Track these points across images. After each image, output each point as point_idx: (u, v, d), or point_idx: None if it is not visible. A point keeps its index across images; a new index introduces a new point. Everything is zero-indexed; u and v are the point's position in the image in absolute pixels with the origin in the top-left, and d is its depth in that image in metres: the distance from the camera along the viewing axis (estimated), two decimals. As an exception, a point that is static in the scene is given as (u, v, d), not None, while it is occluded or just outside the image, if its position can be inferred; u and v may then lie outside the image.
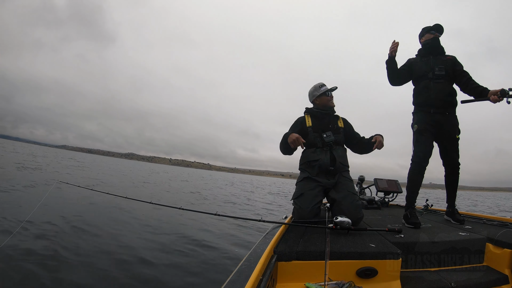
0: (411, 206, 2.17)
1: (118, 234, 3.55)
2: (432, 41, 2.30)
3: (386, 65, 2.35)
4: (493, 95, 1.96)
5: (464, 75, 2.20)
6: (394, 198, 4.17)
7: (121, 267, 2.50)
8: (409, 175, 2.21)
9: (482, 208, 13.18)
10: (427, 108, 2.19)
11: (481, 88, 2.09)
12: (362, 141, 2.27)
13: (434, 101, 2.16)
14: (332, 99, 2.30)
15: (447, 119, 2.17)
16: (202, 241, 3.56)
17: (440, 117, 2.16)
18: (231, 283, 0.87)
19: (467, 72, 2.21)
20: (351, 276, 1.24)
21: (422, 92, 2.23)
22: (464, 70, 2.22)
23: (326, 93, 2.27)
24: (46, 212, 4.09)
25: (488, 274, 1.45)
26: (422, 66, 2.27)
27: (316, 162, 2.11)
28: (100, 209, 4.96)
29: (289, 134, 2.05)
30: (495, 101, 1.96)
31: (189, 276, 2.45)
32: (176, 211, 5.20)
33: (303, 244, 1.40)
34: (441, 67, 2.19)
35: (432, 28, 2.33)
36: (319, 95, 2.28)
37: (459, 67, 2.23)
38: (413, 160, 2.20)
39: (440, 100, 2.16)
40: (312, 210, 1.93)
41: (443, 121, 2.16)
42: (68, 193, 5.87)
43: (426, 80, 2.22)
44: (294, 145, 1.99)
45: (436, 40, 2.30)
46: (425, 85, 2.22)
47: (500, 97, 1.94)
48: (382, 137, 2.17)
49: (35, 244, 2.81)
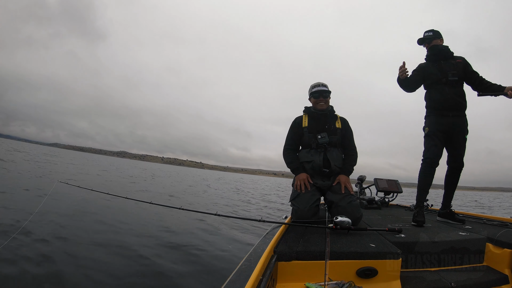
0: (419, 205, 2.23)
1: (117, 234, 3.55)
2: (430, 50, 2.36)
3: (398, 82, 2.37)
4: (510, 90, 2.09)
5: (476, 76, 2.27)
6: (394, 198, 4.17)
7: (121, 267, 2.50)
8: (420, 176, 2.28)
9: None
10: (445, 112, 2.23)
11: (496, 85, 2.19)
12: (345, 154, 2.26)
13: (451, 105, 2.21)
14: (322, 102, 2.20)
15: (459, 121, 2.23)
16: (202, 241, 3.56)
17: (454, 120, 2.22)
18: (231, 283, 0.87)
19: (477, 73, 2.27)
20: (351, 276, 1.24)
21: (438, 97, 2.26)
22: (474, 70, 2.28)
23: (313, 95, 2.24)
24: (45, 212, 4.08)
25: (488, 274, 1.45)
26: (435, 71, 2.29)
27: (309, 164, 2.12)
28: (99, 209, 4.95)
29: (296, 167, 2.15)
30: (511, 96, 2.07)
31: (188, 276, 2.45)
32: (175, 211, 5.21)
33: (303, 244, 1.40)
34: (454, 73, 2.24)
35: (420, 42, 2.41)
36: (309, 95, 2.28)
37: (470, 68, 2.28)
38: (424, 161, 2.27)
39: (456, 103, 2.22)
40: (310, 209, 1.92)
41: (456, 123, 2.22)
42: (67, 193, 5.86)
43: (440, 85, 2.26)
44: (300, 186, 2.04)
45: (433, 49, 2.35)
46: (440, 90, 2.25)
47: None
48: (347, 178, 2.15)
49: (35, 244, 2.81)
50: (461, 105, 2.24)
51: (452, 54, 2.32)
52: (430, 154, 2.24)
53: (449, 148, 2.29)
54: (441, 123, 2.22)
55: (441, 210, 2.35)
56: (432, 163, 2.23)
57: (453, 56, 2.32)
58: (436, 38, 2.34)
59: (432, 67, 2.33)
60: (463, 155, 2.26)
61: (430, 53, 2.37)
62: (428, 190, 2.30)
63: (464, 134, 2.24)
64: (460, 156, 2.26)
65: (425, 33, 2.40)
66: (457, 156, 2.27)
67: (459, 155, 2.26)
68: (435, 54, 2.33)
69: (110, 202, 5.53)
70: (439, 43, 2.34)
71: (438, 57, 2.32)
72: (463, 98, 2.26)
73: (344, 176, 2.09)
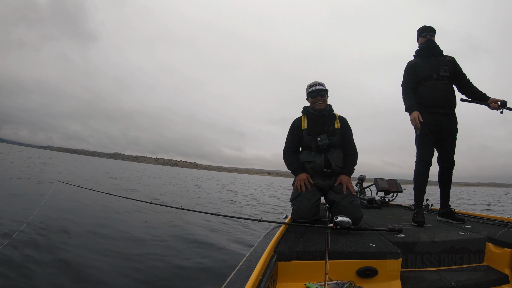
0: (419, 205, 2.23)
1: (117, 234, 3.55)
2: (427, 43, 2.34)
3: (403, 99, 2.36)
4: (493, 102, 2.12)
5: (463, 77, 2.28)
6: (394, 198, 4.17)
7: (121, 267, 2.50)
8: (415, 176, 2.29)
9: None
10: (436, 109, 2.21)
11: (481, 93, 2.21)
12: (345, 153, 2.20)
13: (442, 102, 2.21)
14: (319, 101, 2.17)
15: (450, 119, 2.23)
16: (201, 241, 3.56)
17: (445, 117, 2.21)
18: (231, 283, 0.87)
19: (465, 74, 2.29)
20: (351, 276, 1.24)
21: (429, 93, 2.24)
22: (463, 72, 2.30)
23: (310, 95, 2.19)
24: (45, 212, 4.08)
25: (488, 274, 1.45)
26: (426, 67, 2.29)
27: (310, 164, 2.12)
28: (98, 209, 4.95)
29: (296, 168, 2.14)
30: (493, 108, 2.11)
31: (189, 276, 2.45)
32: (175, 211, 5.20)
33: (303, 244, 1.40)
34: (445, 68, 2.23)
35: (423, 30, 2.38)
36: (307, 95, 2.24)
37: (459, 68, 2.30)
38: (418, 162, 2.28)
39: (447, 100, 2.22)
40: (310, 209, 1.92)
41: (446, 121, 2.21)
42: (65, 193, 5.86)
43: (431, 81, 2.24)
44: (301, 186, 2.04)
45: (430, 42, 2.34)
46: (432, 86, 2.23)
47: (499, 107, 2.08)
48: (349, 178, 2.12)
49: (35, 245, 2.81)
50: (451, 103, 2.23)
51: (442, 52, 2.33)
52: (423, 155, 2.26)
53: (439, 147, 2.29)
54: (431, 123, 2.21)
55: (441, 210, 2.35)
56: (425, 164, 2.26)
57: (443, 55, 2.33)
58: (434, 33, 2.36)
59: (422, 63, 2.32)
60: (453, 154, 2.26)
61: (425, 46, 2.34)
62: (425, 189, 2.32)
63: (454, 133, 2.24)
64: (450, 155, 2.26)
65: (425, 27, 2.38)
66: (447, 156, 2.27)
67: (449, 155, 2.27)
68: (428, 49, 2.32)
69: (109, 202, 5.53)
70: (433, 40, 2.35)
71: (430, 53, 2.32)
72: (453, 96, 2.26)
73: (346, 177, 2.09)
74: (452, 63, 2.28)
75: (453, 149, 2.25)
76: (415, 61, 2.38)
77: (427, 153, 2.25)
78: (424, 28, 2.36)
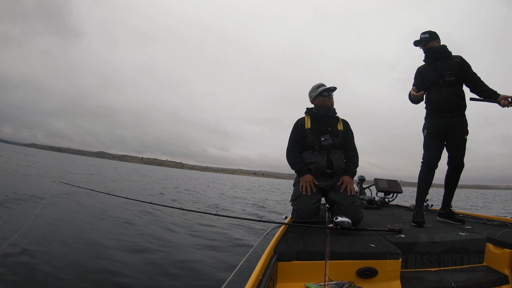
0: (419, 205, 2.25)
1: (117, 234, 3.55)
2: (427, 52, 2.35)
3: (410, 99, 2.38)
4: (504, 99, 2.03)
5: (472, 77, 2.24)
6: (394, 198, 4.17)
7: (121, 266, 2.50)
8: (420, 176, 2.31)
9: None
10: (443, 113, 2.23)
11: (491, 91, 2.16)
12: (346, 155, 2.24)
13: (449, 107, 2.22)
14: (330, 99, 2.24)
15: (459, 121, 2.23)
16: (201, 241, 3.56)
17: (453, 120, 2.22)
18: (231, 283, 0.87)
19: (475, 73, 2.24)
20: (351, 276, 1.24)
21: (435, 98, 2.27)
22: (472, 71, 2.25)
23: (322, 94, 2.24)
24: (44, 212, 4.08)
25: (488, 274, 1.45)
26: (432, 73, 2.30)
27: (312, 164, 2.12)
28: (97, 209, 4.95)
29: (302, 168, 2.13)
30: (504, 105, 2.03)
31: (189, 276, 2.45)
32: (174, 211, 5.20)
33: (303, 244, 1.39)
34: (451, 73, 2.22)
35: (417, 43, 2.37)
36: (316, 96, 2.27)
37: (467, 68, 2.25)
38: (424, 162, 2.29)
39: (454, 104, 2.22)
40: (311, 210, 1.93)
41: (455, 123, 2.22)
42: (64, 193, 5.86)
43: (437, 87, 2.26)
44: (306, 188, 2.03)
45: (429, 51, 2.33)
46: (438, 91, 2.25)
47: (510, 103, 2.00)
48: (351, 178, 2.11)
49: (34, 245, 2.81)
50: (459, 106, 2.23)
51: (449, 54, 2.30)
52: (428, 156, 2.27)
53: (448, 149, 2.29)
54: (438, 125, 2.23)
55: (441, 210, 2.35)
56: (430, 165, 2.26)
57: (450, 56, 2.30)
58: (432, 40, 2.32)
59: (429, 68, 2.33)
60: (462, 155, 2.25)
61: (426, 55, 2.36)
62: (428, 191, 2.32)
63: (463, 134, 2.23)
64: (459, 156, 2.25)
65: (422, 35, 2.36)
66: (456, 157, 2.27)
67: (458, 156, 2.26)
68: (432, 56, 2.33)
69: (109, 202, 5.53)
70: (435, 45, 2.32)
71: (435, 59, 2.32)
72: (462, 99, 2.24)
73: (348, 177, 2.10)
74: (459, 64, 2.25)
75: (463, 150, 2.24)
76: (423, 67, 2.40)
77: (431, 154, 2.25)
78: (416, 42, 2.37)
